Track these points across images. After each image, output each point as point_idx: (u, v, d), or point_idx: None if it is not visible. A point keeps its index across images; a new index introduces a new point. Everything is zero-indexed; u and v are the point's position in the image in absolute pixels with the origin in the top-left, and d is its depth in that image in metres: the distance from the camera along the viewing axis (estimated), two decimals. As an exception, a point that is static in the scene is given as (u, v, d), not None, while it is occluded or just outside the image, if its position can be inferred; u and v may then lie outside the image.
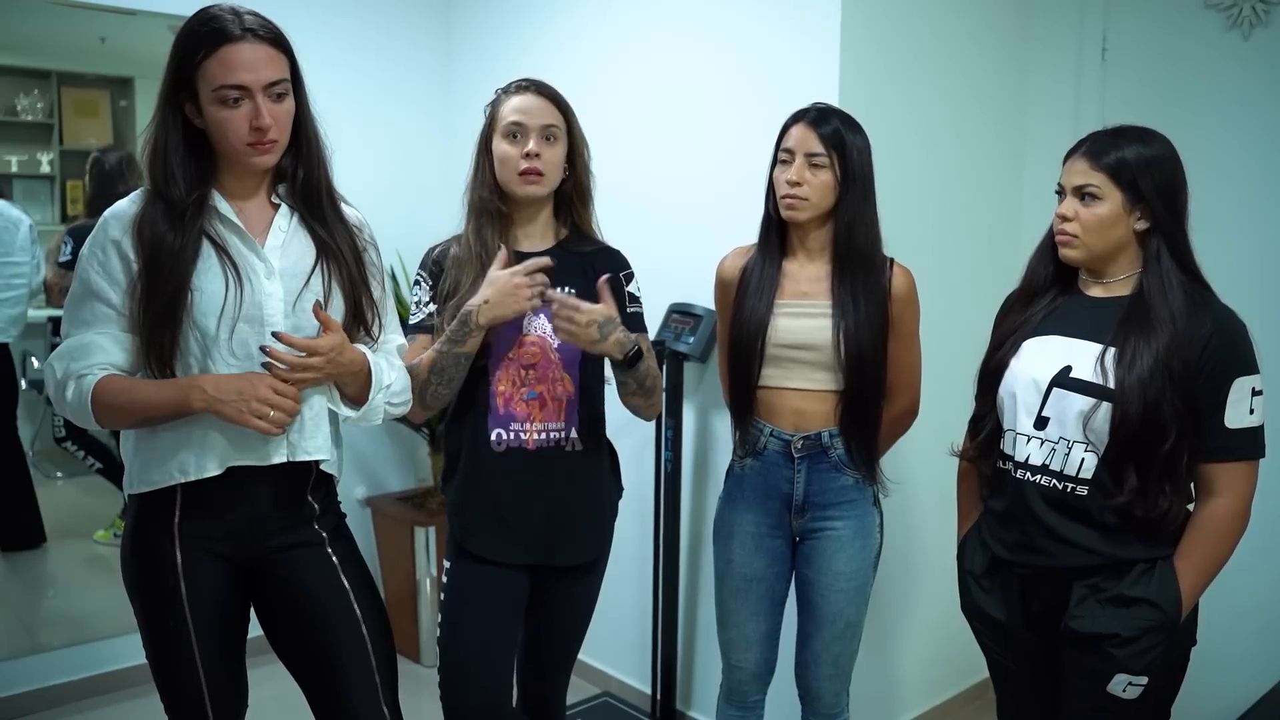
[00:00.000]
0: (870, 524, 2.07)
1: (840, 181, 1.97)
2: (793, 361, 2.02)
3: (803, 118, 2.00)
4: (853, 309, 1.98)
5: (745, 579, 2.11)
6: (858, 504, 2.06)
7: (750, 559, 2.10)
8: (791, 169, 1.97)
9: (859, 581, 2.07)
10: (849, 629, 2.08)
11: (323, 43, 3.30)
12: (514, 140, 1.89)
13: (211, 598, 1.69)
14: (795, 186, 1.97)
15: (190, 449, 1.63)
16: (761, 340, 2.02)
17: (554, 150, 1.91)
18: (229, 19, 1.57)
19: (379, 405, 1.75)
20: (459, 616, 1.96)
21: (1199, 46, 2.68)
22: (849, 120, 2.00)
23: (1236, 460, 1.66)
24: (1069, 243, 1.74)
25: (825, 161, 1.96)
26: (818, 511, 2.05)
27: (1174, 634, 1.67)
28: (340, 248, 1.73)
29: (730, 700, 2.22)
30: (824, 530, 2.05)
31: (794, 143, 1.98)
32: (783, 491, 2.06)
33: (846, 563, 2.05)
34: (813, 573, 2.07)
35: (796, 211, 1.98)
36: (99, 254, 1.61)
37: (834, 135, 1.96)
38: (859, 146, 1.99)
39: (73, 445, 3.22)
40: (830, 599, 2.06)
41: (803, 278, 2.05)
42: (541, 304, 1.83)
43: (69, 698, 3.08)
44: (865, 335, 1.98)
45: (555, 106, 1.92)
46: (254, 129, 1.57)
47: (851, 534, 2.05)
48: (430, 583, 3.36)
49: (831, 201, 1.99)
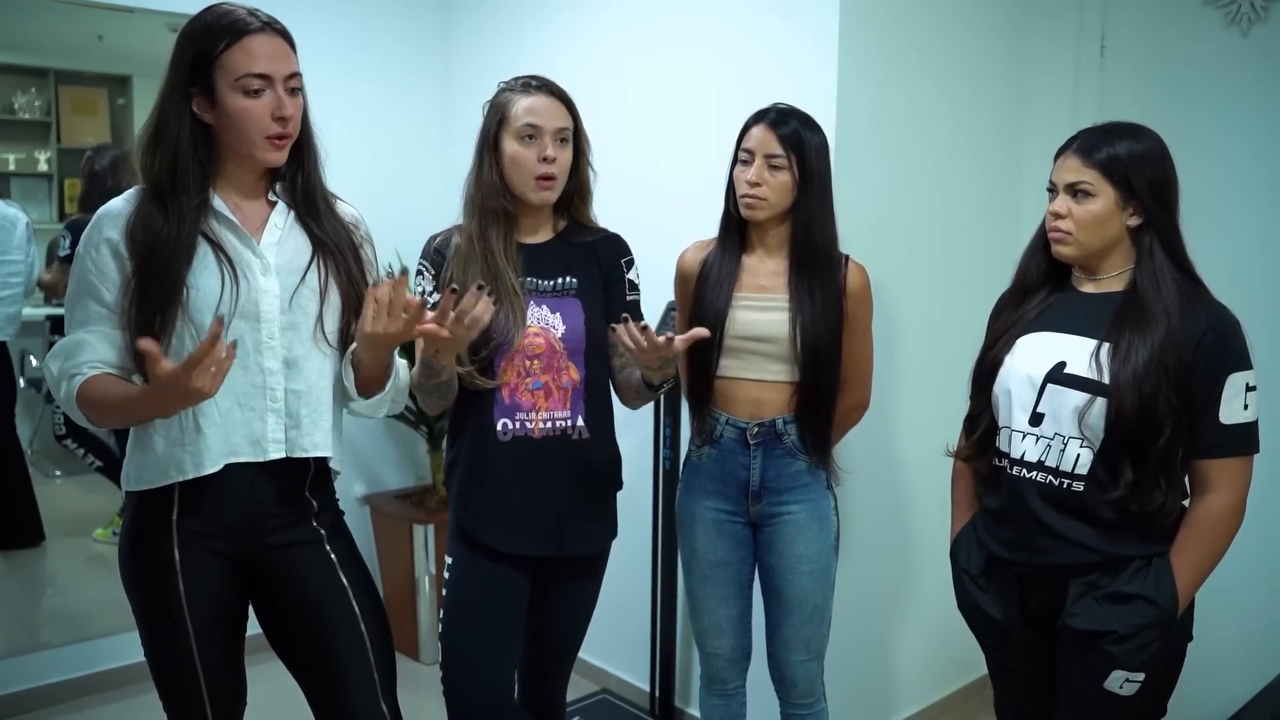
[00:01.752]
0: (826, 508, 2.12)
1: (799, 182, 2.02)
2: (750, 353, 2.06)
3: (763, 118, 2.04)
4: (809, 304, 2.03)
5: (711, 565, 2.16)
6: (811, 488, 2.10)
7: (713, 545, 2.15)
8: (751, 169, 2.02)
9: (821, 564, 2.11)
10: (817, 612, 2.12)
11: (322, 43, 3.29)
12: (529, 143, 1.88)
13: (210, 595, 1.69)
14: (755, 187, 2.02)
15: (188, 447, 1.63)
16: (720, 332, 2.05)
17: (566, 153, 1.92)
18: (246, 13, 1.60)
19: (384, 400, 1.76)
20: (461, 612, 1.96)
21: (1198, 43, 2.68)
22: (808, 121, 2.04)
23: (1231, 456, 1.67)
24: (1063, 240, 1.74)
25: (784, 163, 2.00)
26: (774, 497, 2.09)
27: (1171, 630, 1.68)
28: (337, 244, 1.73)
29: (711, 689, 2.25)
30: (781, 515, 2.10)
31: (754, 143, 2.03)
32: (739, 478, 2.10)
33: (807, 545, 2.09)
34: (775, 559, 2.12)
35: (756, 211, 2.03)
36: (92, 253, 1.62)
37: (793, 136, 2.00)
38: (817, 147, 2.03)
39: (73, 443, 3.23)
40: (795, 582, 2.10)
41: (761, 272, 2.09)
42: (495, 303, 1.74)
43: (68, 695, 3.09)
44: (821, 329, 2.03)
45: (566, 108, 1.93)
46: (277, 119, 1.59)
47: (808, 517, 2.09)
48: (429, 581, 3.37)
49: (790, 201, 2.03)
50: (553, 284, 1.95)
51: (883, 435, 2.71)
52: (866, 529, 2.72)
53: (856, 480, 2.41)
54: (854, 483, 2.38)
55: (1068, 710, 1.76)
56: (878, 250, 2.42)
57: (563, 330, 1.91)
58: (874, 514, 2.75)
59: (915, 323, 2.74)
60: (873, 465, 2.66)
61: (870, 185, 2.58)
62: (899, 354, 2.69)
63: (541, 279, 1.94)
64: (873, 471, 2.67)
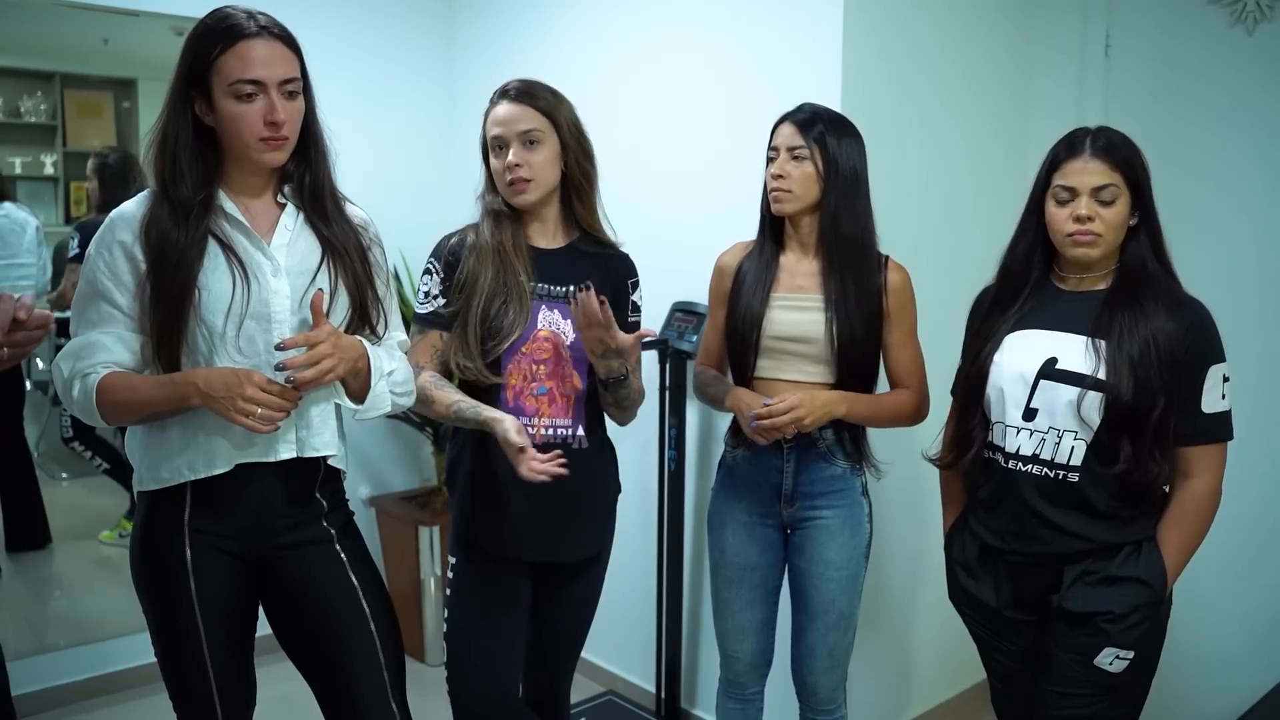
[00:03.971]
0: (860, 514, 2.10)
1: (822, 173, 2.01)
2: (787, 354, 2.06)
3: (790, 117, 2.06)
4: (844, 303, 2.02)
5: (739, 568, 2.15)
6: (846, 494, 2.09)
7: (743, 548, 2.14)
8: (775, 164, 2.04)
9: (850, 571, 2.09)
10: (842, 619, 2.11)
11: (327, 44, 3.30)
12: (499, 152, 1.93)
13: (220, 595, 1.69)
14: (778, 180, 2.03)
15: (199, 446, 1.64)
16: (757, 333, 2.05)
17: (538, 153, 1.91)
18: (243, 17, 1.60)
19: (383, 393, 1.74)
20: (465, 613, 1.97)
21: (1203, 43, 2.68)
22: (837, 119, 2.05)
23: (1213, 443, 1.76)
24: (1093, 243, 1.76)
25: (805, 154, 2.01)
26: (807, 501, 2.08)
27: (1160, 609, 1.77)
28: (345, 246, 1.74)
29: (729, 693, 2.24)
30: (814, 520, 2.08)
31: (780, 140, 2.05)
32: (772, 481, 2.09)
33: (837, 551, 2.08)
34: (804, 562, 2.10)
35: (782, 204, 2.04)
36: (105, 255, 1.62)
37: (815, 129, 2.02)
38: (844, 141, 2.03)
39: (80, 445, 3.23)
40: (822, 589, 2.09)
41: (798, 272, 2.08)
42: None
43: (75, 697, 3.09)
44: (858, 329, 2.02)
45: (532, 109, 1.91)
46: (268, 124, 1.59)
47: (841, 523, 2.08)
48: (435, 582, 3.37)
49: (816, 193, 2.03)
50: (564, 291, 1.96)
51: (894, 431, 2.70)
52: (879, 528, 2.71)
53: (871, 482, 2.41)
54: (870, 484, 2.38)
55: (1055, 685, 1.81)
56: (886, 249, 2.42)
57: (572, 338, 1.93)
58: (886, 513, 2.74)
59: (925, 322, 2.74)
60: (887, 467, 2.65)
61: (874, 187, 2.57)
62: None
63: (553, 284, 1.96)
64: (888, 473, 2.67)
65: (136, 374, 1.62)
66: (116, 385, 1.59)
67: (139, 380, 1.61)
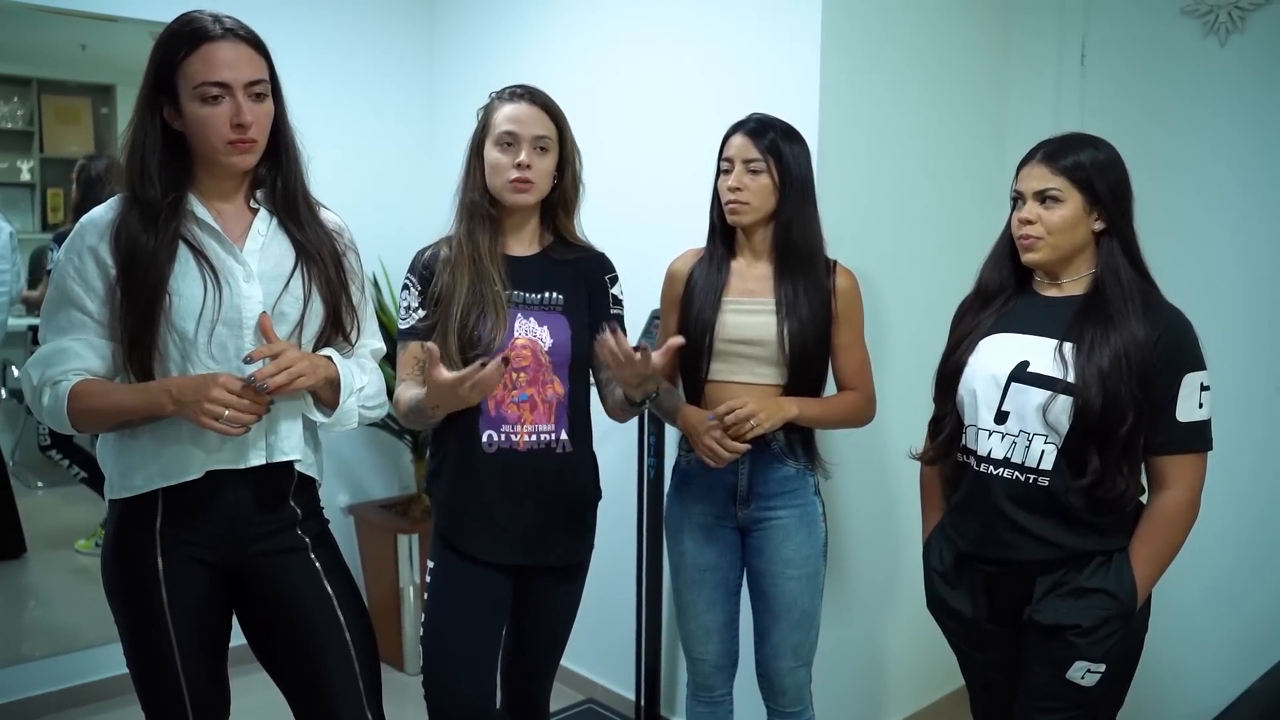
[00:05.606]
0: (814, 513, 2.13)
1: (779, 185, 2.04)
2: (739, 357, 2.08)
3: (740, 128, 2.09)
4: (796, 306, 2.05)
5: (699, 569, 2.17)
6: (800, 494, 2.12)
7: (701, 550, 2.16)
8: (732, 176, 2.06)
9: (810, 569, 2.12)
10: (805, 618, 2.13)
11: (306, 53, 3.30)
12: (506, 149, 1.92)
13: (193, 603, 1.68)
14: (736, 192, 2.05)
15: (170, 453, 1.63)
16: (710, 336, 2.08)
17: (545, 160, 1.93)
18: (209, 20, 1.59)
19: (352, 409, 1.74)
20: (442, 617, 1.96)
21: (1177, 53, 2.71)
22: (785, 128, 2.08)
23: (1188, 453, 1.74)
24: (1033, 245, 1.79)
25: (762, 166, 2.04)
26: (762, 502, 2.11)
27: (1130, 622, 1.74)
28: (319, 251, 1.73)
29: (698, 696, 2.26)
30: (770, 520, 2.11)
31: (733, 151, 2.07)
32: (727, 483, 2.11)
33: (795, 550, 2.10)
34: (764, 563, 2.12)
35: (740, 216, 2.07)
36: (75, 260, 1.61)
37: (769, 141, 2.04)
38: (795, 151, 2.06)
39: (58, 453, 3.20)
40: (784, 587, 2.11)
41: (749, 276, 2.11)
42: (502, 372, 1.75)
43: (50, 709, 3.05)
44: (809, 332, 2.06)
45: (549, 116, 1.94)
46: (235, 126, 1.58)
47: (796, 522, 2.11)
48: (414, 590, 3.35)
49: (772, 205, 2.06)
50: (540, 298, 1.96)
51: (869, 437, 2.71)
52: (852, 531, 2.73)
53: (843, 482, 2.42)
54: (840, 485, 2.39)
55: (1029, 698, 1.82)
56: (861, 250, 2.44)
57: (550, 344, 1.94)
58: (860, 516, 2.76)
59: (900, 323, 2.76)
60: (859, 468, 2.67)
61: (854, 186, 2.59)
62: (885, 354, 2.68)
63: (529, 292, 1.96)
64: (859, 474, 2.68)
65: (109, 381, 1.61)
66: (89, 392, 1.58)
67: (112, 388, 1.60)
